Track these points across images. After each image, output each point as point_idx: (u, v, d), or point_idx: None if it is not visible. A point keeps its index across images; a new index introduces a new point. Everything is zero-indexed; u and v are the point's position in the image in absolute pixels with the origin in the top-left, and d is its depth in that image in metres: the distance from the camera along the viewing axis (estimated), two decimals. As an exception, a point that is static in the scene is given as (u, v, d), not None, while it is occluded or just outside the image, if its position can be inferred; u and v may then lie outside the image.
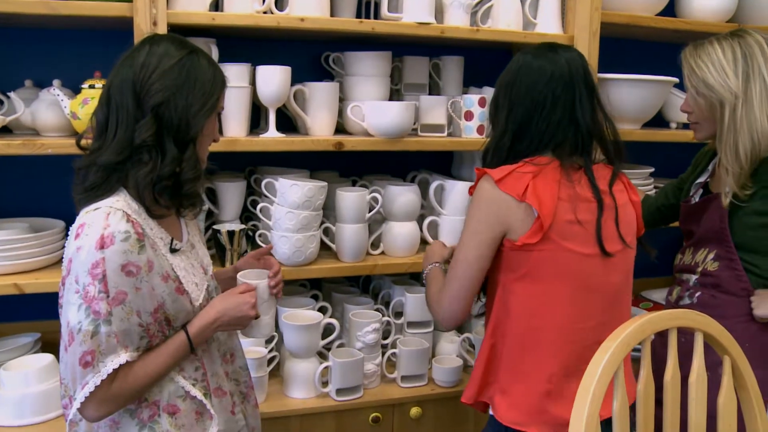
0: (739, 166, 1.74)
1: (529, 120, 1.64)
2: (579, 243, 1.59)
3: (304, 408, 2.09)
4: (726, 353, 1.41)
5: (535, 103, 1.63)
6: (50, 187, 2.20)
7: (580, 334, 1.60)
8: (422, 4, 2.17)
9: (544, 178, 1.58)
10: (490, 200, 1.60)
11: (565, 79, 1.63)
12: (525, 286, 1.61)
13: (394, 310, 2.37)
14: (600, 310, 1.62)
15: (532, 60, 1.66)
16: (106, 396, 1.36)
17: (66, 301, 1.36)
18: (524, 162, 1.62)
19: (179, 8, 1.97)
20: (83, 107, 1.93)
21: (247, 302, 1.54)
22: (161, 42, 1.44)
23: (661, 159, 2.82)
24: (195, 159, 1.44)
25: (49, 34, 2.25)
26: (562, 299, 1.59)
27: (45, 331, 2.22)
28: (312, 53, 2.49)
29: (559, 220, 1.57)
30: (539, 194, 1.56)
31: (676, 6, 2.65)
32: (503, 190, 1.58)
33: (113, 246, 1.32)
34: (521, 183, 1.57)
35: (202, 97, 1.42)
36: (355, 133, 2.29)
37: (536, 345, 1.60)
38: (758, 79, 1.74)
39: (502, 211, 1.59)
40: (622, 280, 1.67)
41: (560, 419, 1.58)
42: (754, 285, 1.80)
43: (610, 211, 1.62)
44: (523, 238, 1.57)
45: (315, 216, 2.14)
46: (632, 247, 1.69)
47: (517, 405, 1.62)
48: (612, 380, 1.25)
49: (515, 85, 1.67)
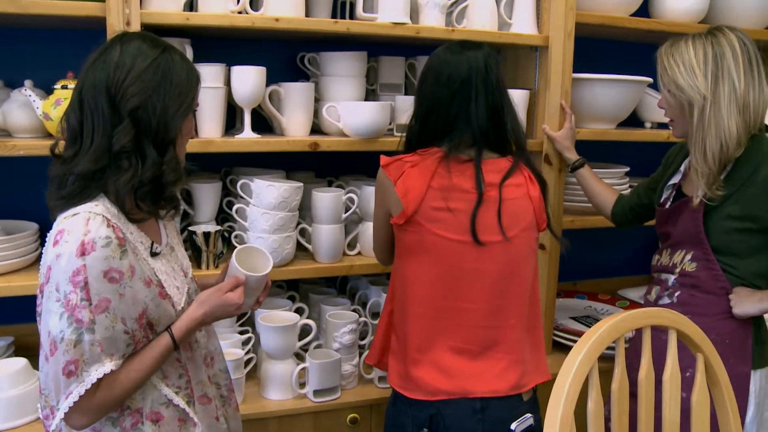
0: (707, 167, 1.76)
1: (429, 114, 1.78)
2: (447, 229, 1.71)
3: (281, 409, 2.09)
4: (699, 351, 1.42)
5: (435, 99, 1.77)
6: (23, 189, 2.18)
7: (454, 313, 1.72)
8: (397, 5, 2.16)
9: (420, 167, 1.73)
10: (378, 182, 1.81)
11: (463, 77, 1.74)
12: (405, 261, 1.78)
13: (371, 310, 2.36)
14: (482, 296, 1.72)
15: (440, 56, 1.80)
16: (91, 405, 1.33)
17: (46, 309, 1.32)
18: (416, 152, 1.77)
19: (153, 8, 1.96)
20: (56, 108, 1.91)
21: (234, 303, 1.51)
22: (133, 40, 1.39)
23: (636, 158, 2.84)
24: (176, 161, 1.41)
25: (20, 33, 2.22)
26: (431, 277, 1.73)
27: (18, 335, 2.19)
28: (287, 53, 2.49)
29: (426, 207, 1.70)
30: (408, 183, 1.71)
31: (650, 7, 2.67)
32: (387, 175, 1.75)
33: (94, 252, 1.29)
34: (399, 170, 1.74)
35: (178, 97, 1.38)
36: (330, 134, 2.29)
37: (409, 316, 1.77)
38: (727, 81, 1.75)
39: (384, 194, 1.78)
40: (503, 270, 1.74)
41: (432, 387, 1.72)
42: (732, 284, 1.82)
43: (491, 203, 1.72)
44: (393, 220, 1.76)
45: (291, 217, 2.14)
46: (513, 241, 1.74)
47: (398, 369, 1.80)
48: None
49: (424, 80, 1.81)
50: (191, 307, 1.48)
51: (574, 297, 2.90)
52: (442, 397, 1.71)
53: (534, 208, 1.78)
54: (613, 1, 2.47)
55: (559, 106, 2.37)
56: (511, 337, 1.76)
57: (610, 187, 2.31)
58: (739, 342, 1.82)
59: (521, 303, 1.79)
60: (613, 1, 2.47)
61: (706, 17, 2.63)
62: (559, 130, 2.35)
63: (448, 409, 1.71)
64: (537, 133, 2.43)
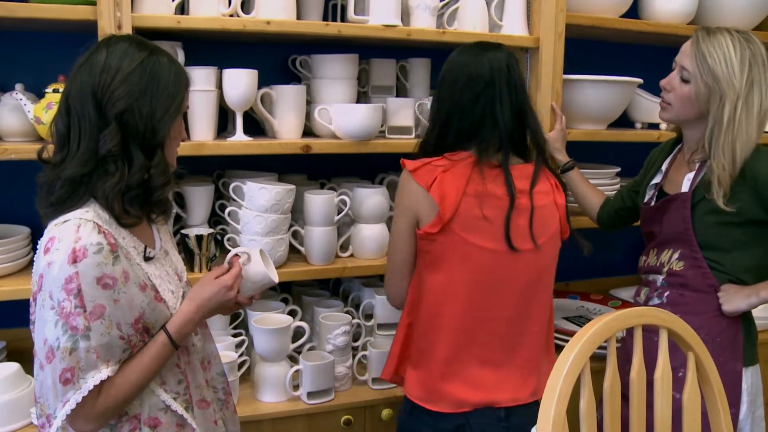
0: (734, 167, 1.75)
1: (451, 117, 1.73)
2: (483, 237, 1.66)
3: (275, 412, 2.09)
4: (690, 349, 1.43)
5: (456, 101, 1.72)
6: (14, 193, 2.17)
7: (483, 323, 1.69)
8: (388, 7, 2.17)
9: (453, 173, 1.66)
10: (405, 189, 1.72)
11: (486, 79, 1.69)
12: (431, 272, 1.72)
13: (364, 312, 2.37)
14: (509, 304, 1.70)
15: (458, 59, 1.75)
16: (92, 412, 1.33)
17: (40, 318, 1.31)
18: (443, 156, 1.71)
19: (144, 11, 1.96)
20: (47, 112, 1.91)
21: (224, 286, 1.48)
22: (119, 43, 1.37)
23: (627, 159, 2.85)
24: (164, 164, 1.39)
25: (10, 36, 2.22)
26: (462, 288, 1.69)
27: (10, 340, 2.18)
28: (279, 56, 2.49)
29: (463, 214, 1.65)
30: (444, 188, 1.64)
31: (639, 8, 2.68)
32: (416, 181, 1.68)
33: (86, 259, 1.28)
34: (431, 175, 1.67)
35: (166, 100, 1.37)
36: (322, 136, 2.29)
37: (437, 329, 1.73)
38: (757, 89, 1.76)
39: (413, 200, 1.69)
40: (532, 277, 1.72)
41: (458, 399, 1.70)
42: (720, 281, 1.83)
43: (523, 210, 1.69)
44: (426, 228, 1.67)
45: (283, 219, 2.14)
46: (543, 249, 1.72)
47: (421, 382, 1.75)
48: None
49: (443, 84, 1.76)
50: (183, 303, 1.47)
51: (567, 297, 2.91)
52: (468, 408, 1.70)
53: (560, 217, 1.77)
54: (603, 3, 2.49)
55: (550, 108, 2.38)
56: (532, 344, 1.76)
57: (597, 191, 2.32)
58: (730, 340, 1.83)
59: (544, 311, 1.78)
60: (603, 3, 2.49)
61: (694, 19, 2.65)
62: (549, 132, 2.36)
63: (474, 419, 1.71)
64: (528, 135, 2.43)
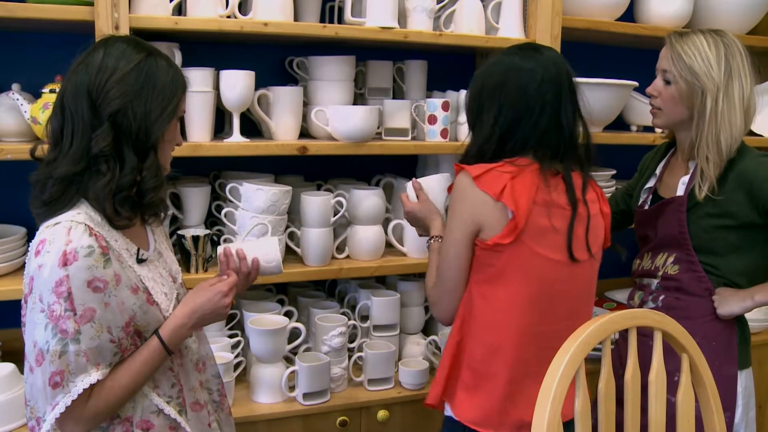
0: (720, 158, 1.77)
1: (518, 123, 1.61)
2: (549, 248, 1.58)
3: (271, 413, 2.09)
4: (684, 351, 1.43)
5: (525, 107, 1.60)
6: (10, 193, 2.16)
7: (540, 338, 1.61)
8: (385, 9, 2.18)
9: (522, 180, 1.56)
10: (466, 197, 1.58)
11: (555, 83, 1.61)
12: (491, 286, 1.61)
13: (360, 313, 2.37)
14: (562, 316, 1.63)
15: (521, 62, 1.62)
16: (83, 415, 1.32)
17: (30, 320, 1.31)
18: (504, 162, 1.60)
19: (141, 12, 1.96)
20: (44, 112, 1.91)
21: (219, 292, 1.47)
22: (116, 44, 1.37)
23: (622, 161, 2.85)
24: (156, 167, 1.38)
25: (7, 37, 2.22)
26: (524, 302, 1.59)
27: (5, 340, 2.18)
28: (276, 57, 2.49)
29: (533, 224, 1.56)
30: (516, 195, 1.54)
31: (635, 12, 2.69)
32: (480, 188, 1.56)
33: (77, 262, 1.27)
34: (499, 182, 1.55)
35: (161, 102, 1.36)
36: (319, 138, 2.29)
37: (498, 347, 1.61)
38: (737, 80, 1.79)
39: (478, 209, 1.57)
40: (583, 288, 1.68)
41: (520, 421, 1.60)
42: (715, 285, 1.84)
43: (582, 219, 1.62)
44: (496, 238, 1.55)
45: (280, 220, 2.14)
46: (596, 258, 1.69)
47: (480, 406, 1.63)
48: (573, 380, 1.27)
49: (505, 87, 1.62)
50: (177, 308, 1.46)
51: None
52: (527, 430, 1.55)
53: (605, 226, 1.72)
54: (599, 6, 2.50)
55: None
56: None
57: None
58: (725, 343, 1.84)
59: (587, 321, 1.69)
60: (598, 6, 2.50)
61: (689, 22, 2.66)
62: None
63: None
64: (524, 137, 2.44)
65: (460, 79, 2.65)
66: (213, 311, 1.48)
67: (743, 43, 1.85)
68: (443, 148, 2.35)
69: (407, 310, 2.43)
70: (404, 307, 2.41)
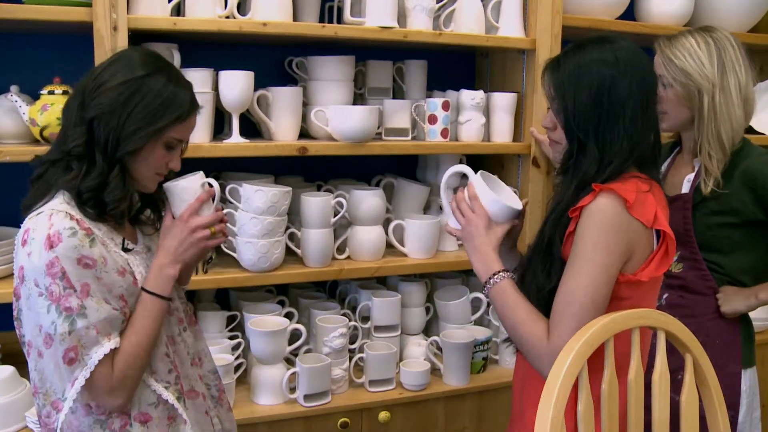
0: (723, 153, 1.79)
1: (644, 131, 1.40)
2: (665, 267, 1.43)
3: (271, 414, 2.08)
4: (688, 351, 1.42)
5: (641, 102, 1.39)
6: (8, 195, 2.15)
7: None
8: (385, 9, 2.17)
9: (657, 198, 1.39)
10: (621, 227, 1.35)
11: (653, 76, 1.44)
12: None
13: (361, 314, 2.36)
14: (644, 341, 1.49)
15: (626, 54, 1.39)
16: (114, 384, 1.35)
17: (29, 308, 1.33)
18: (631, 176, 1.39)
19: (140, 13, 1.95)
20: (42, 113, 1.90)
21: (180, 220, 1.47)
22: (131, 55, 1.42)
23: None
24: (120, 180, 1.39)
25: (6, 38, 2.21)
26: (645, 335, 1.47)
27: (5, 342, 2.17)
28: (275, 58, 2.48)
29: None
30: (660, 219, 1.37)
31: (635, 10, 2.69)
32: (634, 216, 1.34)
33: (62, 243, 1.31)
34: (649, 207, 1.36)
35: (139, 122, 1.37)
36: (319, 138, 2.29)
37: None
38: (732, 73, 1.79)
39: (633, 240, 1.36)
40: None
41: None
42: (719, 283, 1.84)
43: None
44: (650, 271, 1.37)
45: (280, 221, 2.13)
46: None
47: None
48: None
49: (618, 84, 1.38)
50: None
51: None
52: None
53: None
54: (600, 5, 2.49)
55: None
56: None
57: None
58: (728, 342, 1.84)
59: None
60: (599, 5, 2.49)
61: (690, 20, 2.66)
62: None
63: None
64: (525, 136, 2.44)
65: (460, 79, 2.65)
66: (181, 241, 1.46)
67: (738, 39, 1.85)
68: (443, 148, 2.34)
69: (408, 311, 2.42)
70: (405, 308, 2.40)
